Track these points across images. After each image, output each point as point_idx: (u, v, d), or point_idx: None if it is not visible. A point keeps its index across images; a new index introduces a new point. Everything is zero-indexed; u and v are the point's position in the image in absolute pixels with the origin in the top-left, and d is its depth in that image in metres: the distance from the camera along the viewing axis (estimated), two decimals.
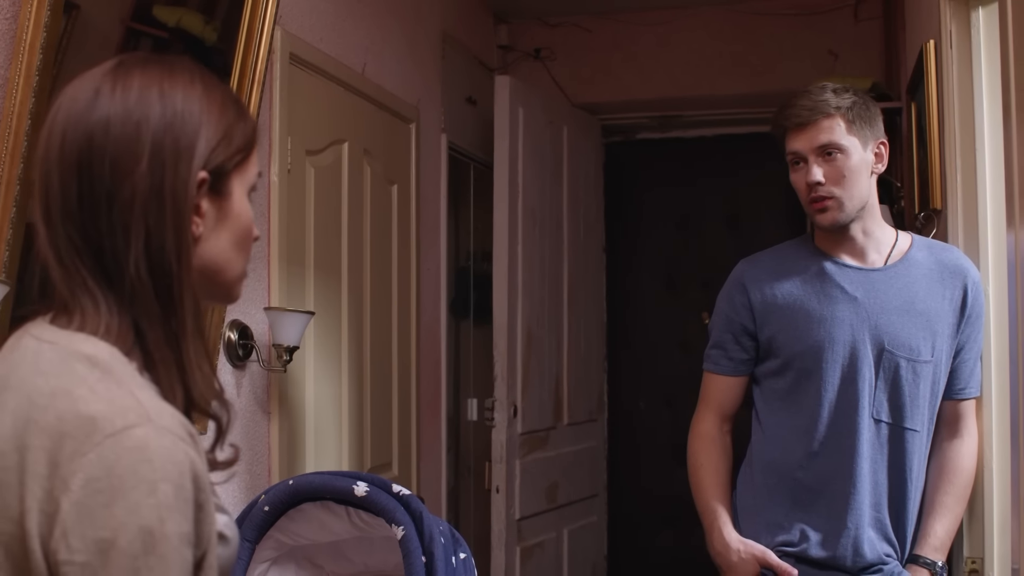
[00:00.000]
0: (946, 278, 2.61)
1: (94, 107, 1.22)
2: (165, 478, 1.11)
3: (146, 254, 1.21)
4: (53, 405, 1.14)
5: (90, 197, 1.21)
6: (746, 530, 2.67)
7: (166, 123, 1.23)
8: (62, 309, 1.24)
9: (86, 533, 1.08)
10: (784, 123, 2.59)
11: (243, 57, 2.79)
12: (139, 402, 1.15)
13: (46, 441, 1.12)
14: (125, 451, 1.11)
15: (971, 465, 2.63)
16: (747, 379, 2.74)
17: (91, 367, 1.17)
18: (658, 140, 5.99)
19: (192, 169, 1.24)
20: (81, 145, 1.21)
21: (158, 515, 1.10)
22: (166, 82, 1.26)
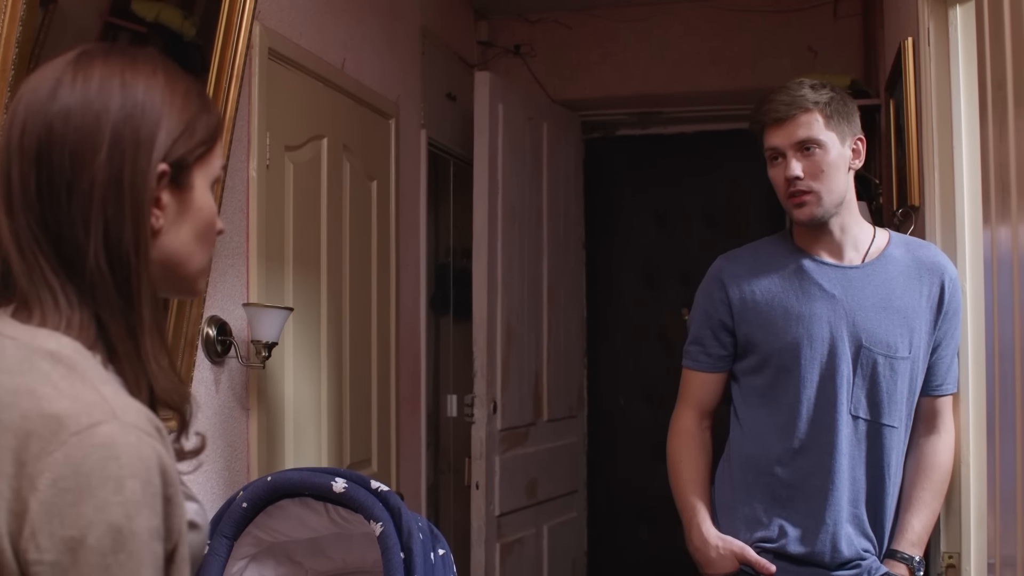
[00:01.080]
0: (923, 275, 2.62)
1: (55, 97, 1.21)
2: (132, 475, 1.11)
3: (105, 246, 1.20)
4: (17, 403, 1.13)
5: (49, 188, 1.19)
6: (724, 526, 2.68)
7: (126, 114, 1.22)
8: (23, 303, 1.22)
9: (55, 532, 1.07)
10: (762, 119, 2.60)
11: (222, 52, 2.78)
12: (104, 398, 1.14)
13: (11, 440, 1.11)
14: (91, 449, 1.10)
15: (948, 461, 2.65)
16: (726, 375, 2.75)
17: (55, 363, 1.16)
18: (638, 137, 6.00)
19: (152, 161, 1.22)
20: (41, 135, 1.20)
21: (126, 512, 1.09)
22: (128, 73, 1.24)
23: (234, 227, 3.02)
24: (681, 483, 2.75)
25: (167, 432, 1.20)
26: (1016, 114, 1.64)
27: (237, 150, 2.99)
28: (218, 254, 2.88)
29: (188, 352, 2.76)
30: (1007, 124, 1.69)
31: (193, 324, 2.77)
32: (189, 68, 2.73)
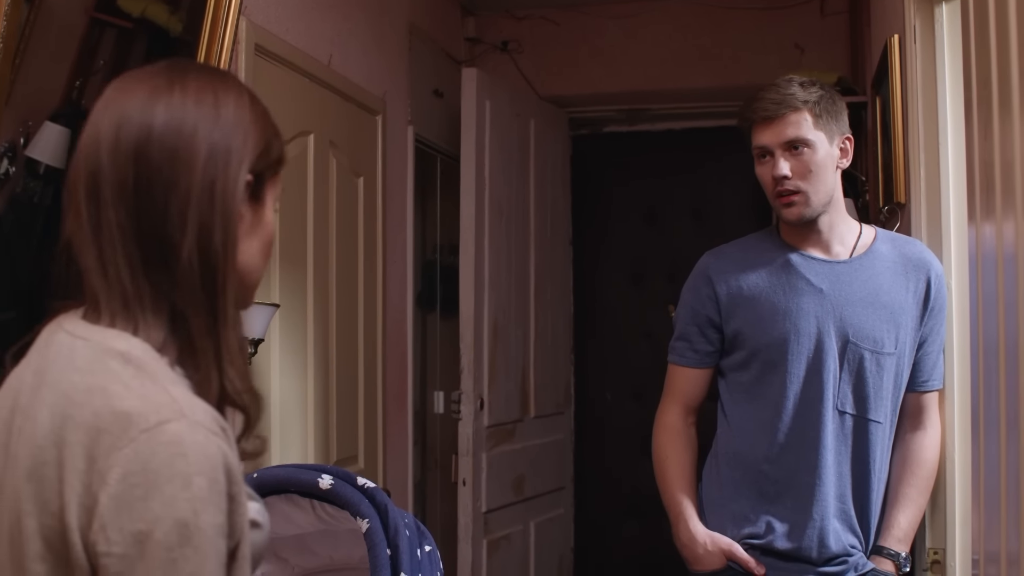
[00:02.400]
0: (909, 271, 2.62)
1: (154, 103, 1.28)
2: (199, 472, 1.15)
3: (197, 244, 1.25)
4: (89, 402, 1.18)
5: (148, 184, 1.25)
6: (712, 522, 2.68)
7: (221, 126, 1.29)
8: (93, 304, 1.27)
9: (124, 526, 1.12)
10: (751, 117, 2.60)
11: (208, 48, 2.77)
12: (173, 398, 1.19)
13: (83, 437, 1.16)
14: (160, 446, 1.15)
15: (934, 457, 2.65)
16: (712, 371, 2.75)
17: (125, 363, 1.21)
18: (625, 133, 6.00)
19: (241, 171, 1.30)
20: (140, 137, 1.26)
21: (193, 508, 1.14)
22: (219, 89, 1.32)
23: None
24: (668, 479, 2.75)
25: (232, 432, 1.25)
26: (1000, 112, 1.64)
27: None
28: None
29: None
30: (991, 122, 1.69)
31: None
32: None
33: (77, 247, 1.28)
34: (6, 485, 1.21)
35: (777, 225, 2.73)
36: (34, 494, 1.18)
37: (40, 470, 1.18)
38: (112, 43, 2.52)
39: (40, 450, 1.18)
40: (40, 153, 2.31)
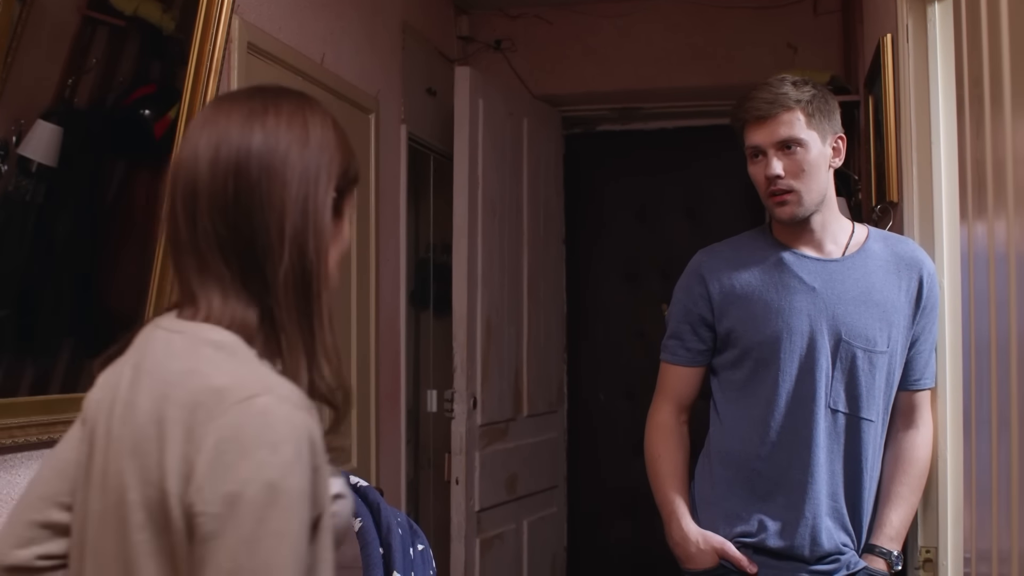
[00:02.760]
0: (902, 269, 2.63)
1: (250, 125, 1.41)
2: (286, 440, 1.27)
3: (294, 256, 1.39)
4: (185, 382, 1.32)
5: (247, 198, 1.38)
6: (704, 521, 2.68)
7: (311, 148, 1.43)
8: (189, 301, 1.41)
9: (217, 488, 1.25)
10: (744, 116, 2.60)
11: (200, 46, 2.77)
12: (261, 376, 1.33)
13: (181, 412, 1.30)
14: (250, 416, 1.28)
15: (926, 455, 2.66)
16: (704, 370, 2.75)
17: (217, 350, 1.35)
18: (618, 132, 6.00)
19: (329, 187, 1.44)
20: (240, 155, 1.39)
21: (280, 472, 1.25)
22: (308, 112, 1.47)
23: None
24: (660, 478, 2.75)
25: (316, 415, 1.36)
26: (992, 111, 1.64)
27: None
28: None
29: None
30: (983, 121, 1.70)
31: None
32: (167, 62, 2.73)
33: (174, 252, 1.42)
34: (110, 467, 1.35)
35: (770, 224, 2.74)
36: (136, 469, 1.31)
37: (142, 446, 1.31)
38: (105, 41, 2.52)
39: (141, 429, 1.32)
40: (32, 151, 2.31)
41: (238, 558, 1.23)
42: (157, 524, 1.29)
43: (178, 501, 1.27)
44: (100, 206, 2.57)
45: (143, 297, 2.67)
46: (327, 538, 1.35)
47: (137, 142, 2.68)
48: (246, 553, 1.24)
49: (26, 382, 2.34)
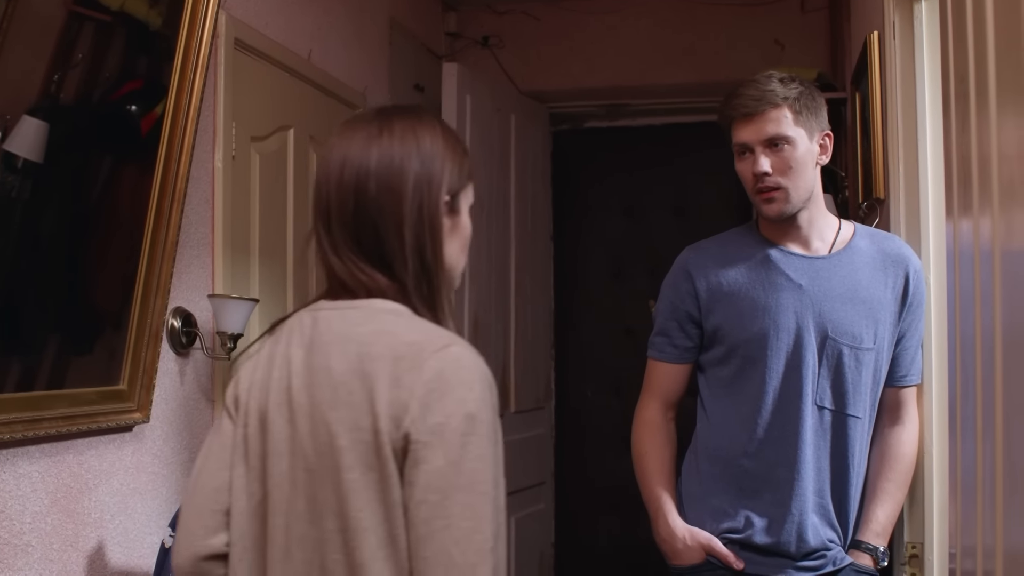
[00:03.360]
0: (888, 266, 2.63)
1: (369, 147, 1.66)
2: (478, 379, 1.56)
3: (415, 256, 1.64)
4: (380, 341, 1.58)
5: (367, 211, 1.64)
6: (691, 517, 2.69)
7: (421, 161, 1.67)
8: (341, 290, 1.67)
9: (427, 420, 1.51)
10: (731, 113, 2.60)
11: (187, 42, 2.76)
12: (444, 332, 1.61)
13: (384, 364, 1.55)
14: (448, 362, 1.55)
15: (912, 451, 2.66)
16: (691, 366, 2.76)
17: (396, 316, 1.63)
18: (606, 129, 6.00)
19: (440, 194, 1.68)
20: (360, 174, 1.65)
21: (476, 405, 1.53)
22: (418, 129, 1.69)
23: (199, 218, 3.01)
24: (647, 474, 2.75)
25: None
26: (977, 109, 1.65)
27: (202, 141, 2.97)
28: (182, 245, 2.86)
29: (152, 343, 2.74)
30: (969, 118, 1.70)
31: (158, 315, 2.75)
32: (154, 57, 2.72)
33: (321, 254, 1.69)
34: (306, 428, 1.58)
35: (756, 220, 2.74)
36: (344, 419, 1.55)
37: (346, 399, 1.56)
38: (91, 37, 2.52)
39: (342, 385, 1.57)
40: (18, 147, 2.30)
41: (447, 476, 1.49)
42: (365, 463, 1.53)
43: (388, 438, 1.52)
44: (86, 202, 2.56)
45: (129, 293, 2.67)
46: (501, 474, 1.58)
47: (124, 138, 2.67)
48: (454, 471, 1.50)
49: (12, 379, 2.34)
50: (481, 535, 1.49)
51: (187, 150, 2.79)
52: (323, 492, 1.56)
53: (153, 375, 2.76)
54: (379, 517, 1.53)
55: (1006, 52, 1.47)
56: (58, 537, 2.47)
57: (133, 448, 2.75)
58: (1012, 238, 1.46)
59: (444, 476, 1.49)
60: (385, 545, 1.53)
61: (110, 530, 2.66)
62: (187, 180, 2.81)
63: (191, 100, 2.78)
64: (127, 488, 2.72)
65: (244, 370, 1.73)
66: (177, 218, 2.77)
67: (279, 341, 1.70)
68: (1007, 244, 1.49)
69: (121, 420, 2.67)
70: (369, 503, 1.53)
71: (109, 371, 2.64)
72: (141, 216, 2.68)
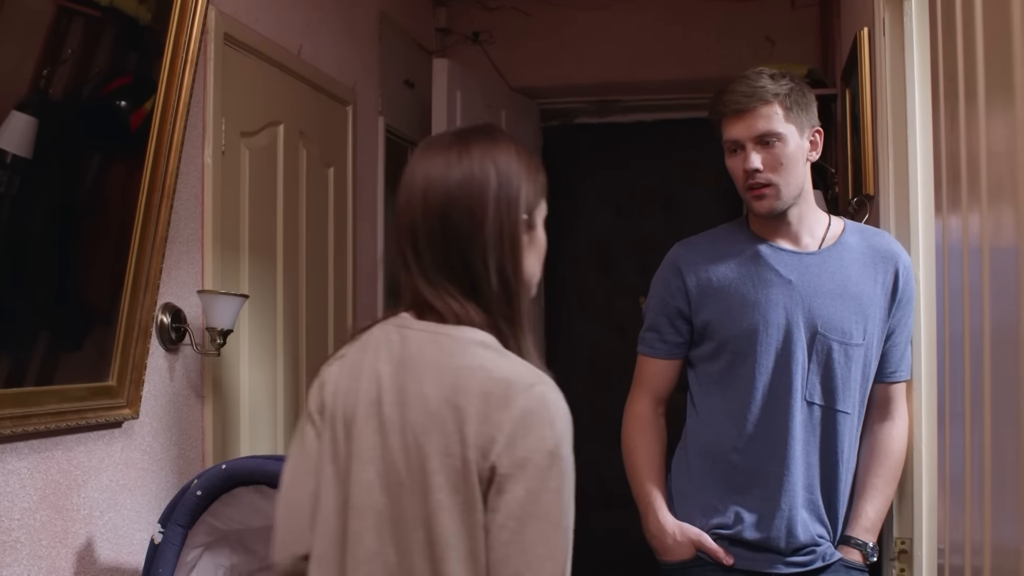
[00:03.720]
0: (878, 262, 2.64)
1: (448, 172, 1.73)
2: (559, 418, 1.67)
3: (498, 275, 1.73)
4: (474, 376, 1.66)
5: (453, 237, 1.72)
6: (681, 513, 2.69)
7: (499, 183, 1.74)
8: (427, 309, 1.74)
9: (513, 454, 1.62)
10: (722, 109, 2.60)
11: (176, 37, 2.75)
12: (529, 368, 1.70)
13: (476, 399, 1.64)
14: (534, 401, 1.65)
15: (901, 447, 2.67)
16: (681, 362, 2.76)
17: (486, 348, 1.70)
18: (596, 125, 6.00)
19: (519, 214, 1.75)
20: (443, 201, 1.72)
21: (556, 442, 1.65)
22: (495, 151, 1.76)
23: (189, 214, 3.00)
24: (637, 470, 2.76)
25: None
26: (966, 106, 1.65)
27: (192, 136, 2.96)
28: (172, 240, 2.86)
29: (142, 339, 2.73)
30: (958, 115, 1.70)
31: (147, 311, 2.74)
32: (143, 53, 2.71)
33: (407, 274, 1.77)
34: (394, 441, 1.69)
35: (746, 216, 2.74)
36: (436, 445, 1.65)
37: (439, 427, 1.66)
38: (80, 32, 2.51)
39: (436, 414, 1.66)
40: (7, 143, 2.29)
41: (526, 505, 1.62)
42: (453, 485, 1.64)
43: (476, 467, 1.63)
44: (76, 198, 2.55)
45: (118, 289, 2.66)
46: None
47: (113, 134, 2.66)
48: (532, 502, 1.62)
49: (1, 375, 2.33)
50: (552, 561, 1.66)
51: (176, 146, 2.78)
52: (413, 505, 1.67)
53: (142, 371, 2.76)
54: (462, 535, 1.65)
55: (995, 50, 1.47)
56: (47, 533, 2.47)
57: (122, 444, 2.75)
58: (1000, 235, 1.47)
59: (523, 506, 1.63)
60: (466, 559, 1.65)
61: (99, 526, 2.65)
62: (176, 176, 2.80)
63: (180, 96, 2.78)
64: (116, 484, 2.72)
65: (329, 375, 1.82)
66: (167, 214, 2.76)
67: (365, 351, 1.78)
68: (996, 241, 1.50)
69: (110, 416, 2.66)
70: (454, 521, 1.65)
71: (98, 367, 2.63)
72: (130, 212, 2.67)
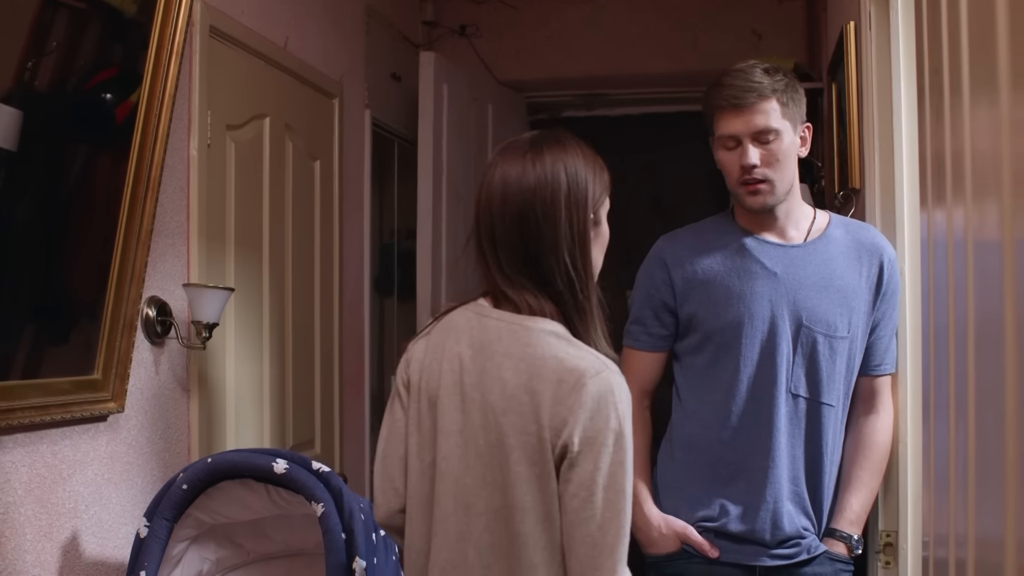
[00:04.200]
0: (863, 256, 2.64)
1: (524, 177, 1.94)
2: (622, 400, 1.86)
3: (569, 269, 1.93)
4: (548, 365, 1.87)
5: (529, 236, 1.92)
6: (666, 505, 2.70)
7: (570, 186, 1.95)
8: (505, 300, 1.95)
9: (583, 434, 1.83)
10: (719, 103, 2.58)
11: (161, 29, 2.74)
12: (597, 357, 1.89)
13: (549, 385, 1.85)
14: (601, 386, 1.85)
15: (886, 440, 2.68)
16: (666, 355, 2.76)
17: (558, 339, 1.90)
18: (583, 118, 6.00)
19: (587, 213, 1.97)
20: (520, 203, 1.93)
21: (619, 422, 1.84)
22: (564, 155, 1.97)
23: (174, 207, 2.99)
24: None
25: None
26: (951, 100, 1.65)
27: (177, 129, 2.96)
28: (157, 234, 2.85)
29: (127, 333, 2.73)
30: (943, 110, 1.71)
31: (132, 304, 2.74)
32: (129, 45, 2.70)
33: (485, 267, 1.99)
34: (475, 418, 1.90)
35: (732, 209, 2.75)
36: (514, 424, 1.86)
37: (516, 408, 1.87)
38: (65, 24, 2.50)
39: (513, 397, 1.87)
40: None
41: (595, 478, 1.83)
42: (529, 459, 1.85)
43: (550, 444, 1.84)
44: (61, 191, 2.54)
45: (104, 282, 2.66)
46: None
47: (98, 126, 2.65)
48: (600, 475, 1.83)
49: None
50: (615, 523, 1.84)
51: (162, 138, 2.77)
52: (492, 474, 1.89)
53: (128, 365, 2.75)
54: (537, 500, 1.87)
55: (980, 45, 1.48)
56: (32, 528, 2.46)
57: (108, 438, 2.74)
58: (985, 229, 1.47)
59: (592, 478, 1.83)
60: (542, 521, 1.87)
61: (84, 520, 2.65)
62: (162, 169, 2.79)
63: (166, 88, 2.77)
64: (101, 478, 2.71)
65: (414, 353, 2.06)
66: (152, 207, 2.76)
67: (448, 334, 2.01)
68: (980, 234, 1.50)
69: (95, 410, 2.66)
70: (531, 490, 1.86)
71: (83, 361, 2.63)
72: (116, 205, 2.67)
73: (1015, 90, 1.31)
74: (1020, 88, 1.28)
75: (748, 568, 2.63)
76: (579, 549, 1.85)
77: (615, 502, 1.85)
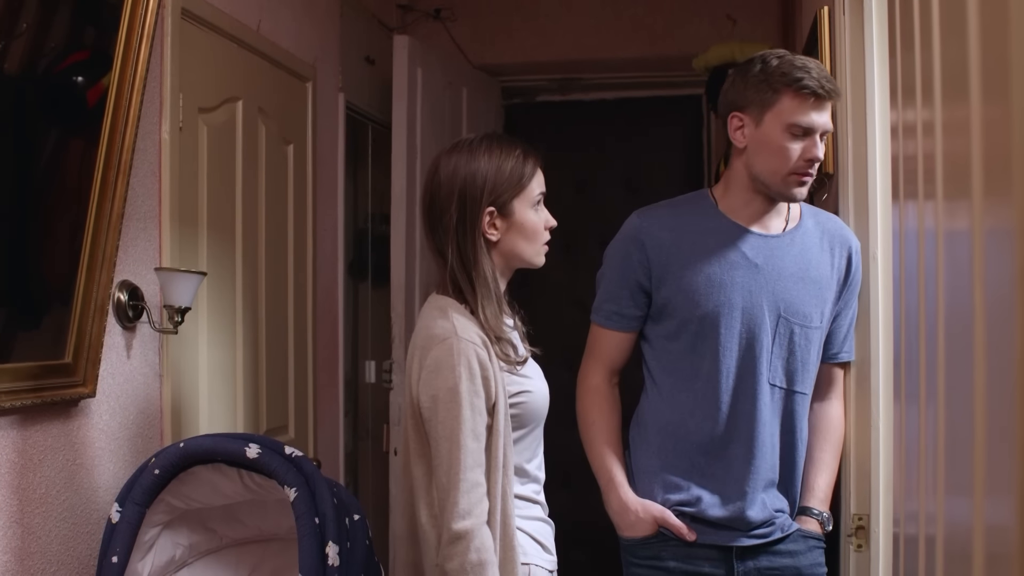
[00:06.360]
0: (834, 246, 2.67)
1: (437, 171, 2.43)
2: (459, 363, 2.28)
3: (457, 254, 2.39)
4: (421, 335, 2.37)
5: (433, 223, 2.43)
6: (642, 489, 2.70)
7: (463, 182, 2.39)
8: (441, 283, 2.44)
9: (425, 392, 2.32)
10: (803, 88, 2.52)
11: (132, 11, 2.72)
12: (454, 326, 2.32)
13: (419, 351, 2.35)
14: (443, 349, 2.30)
15: (842, 423, 2.75)
16: (637, 334, 2.76)
17: (440, 311, 2.37)
18: (558, 103, 6.00)
19: (481, 208, 2.39)
20: (432, 192, 2.43)
21: (455, 381, 2.27)
22: (469, 154, 2.41)
23: (146, 190, 2.97)
24: (596, 444, 2.76)
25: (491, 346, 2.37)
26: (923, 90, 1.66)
27: (148, 112, 2.93)
28: (129, 218, 2.83)
29: (98, 317, 2.71)
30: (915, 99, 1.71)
31: (103, 289, 2.72)
32: (100, 28, 2.68)
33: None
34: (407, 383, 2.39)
35: (712, 194, 2.74)
36: (408, 386, 2.36)
37: (406, 372, 2.38)
38: (36, 5, 2.47)
39: (408, 364, 2.39)
40: None
41: (439, 429, 2.29)
42: (412, 416, 2.36)
43: (415, 400, 2.33)
44: (31, 175, 2.52)
45: (75, 266, 2.64)
46: (504, 413, 2.35)
47: (69, 109, 2.63)
48: (440, 427, 2.28)
49: None
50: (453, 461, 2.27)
51: (133, 122, 2.75)
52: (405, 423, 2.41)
53: (99, 349, 2.73)
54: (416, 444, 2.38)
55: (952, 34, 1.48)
56: (2, 514, 2.45)
57: (79, 423, 2.73)
58: (955, 219, 1.48)
59: (437, 429, 2.30)
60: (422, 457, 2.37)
61: (56, 506, 2.63)
62: (133, 152, 2.77)
63: (137, 71, 2.74)
64: (73, 463, 2.70)
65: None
66: (123, 190, 2.74)
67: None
68: (950, 224, 1.51)
69: (67, 395, 2.64)
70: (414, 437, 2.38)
71: (54, 345, 2.61)
72: (87, 189, 2.65)
73: (985, 80, 1.31)
74: (991, 77, 1.28)
75: (724, 549, 2.64)
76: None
77: (452, 450, 2.27)
